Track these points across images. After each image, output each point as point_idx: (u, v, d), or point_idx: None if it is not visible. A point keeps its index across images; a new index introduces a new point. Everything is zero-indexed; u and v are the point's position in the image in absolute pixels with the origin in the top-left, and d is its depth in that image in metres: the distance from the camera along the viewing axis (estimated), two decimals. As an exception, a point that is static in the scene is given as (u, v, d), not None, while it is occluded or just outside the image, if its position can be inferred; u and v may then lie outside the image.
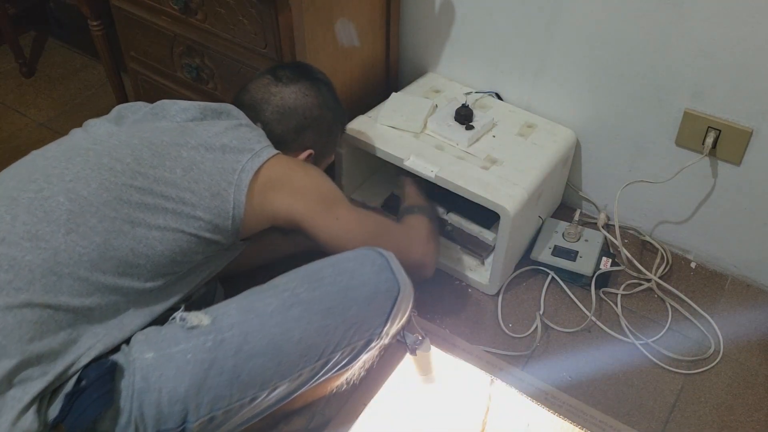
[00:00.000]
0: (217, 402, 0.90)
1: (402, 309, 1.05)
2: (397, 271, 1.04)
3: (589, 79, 1.50)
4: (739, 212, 1.47)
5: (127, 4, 1.60)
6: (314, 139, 1.26)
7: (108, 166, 0.98)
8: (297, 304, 0.96)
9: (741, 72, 1.31)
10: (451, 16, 1.62)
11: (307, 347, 0.95)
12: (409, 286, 1.05)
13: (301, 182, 1.10)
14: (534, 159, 1.47)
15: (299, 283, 0.99)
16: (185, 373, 0.88)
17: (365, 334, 1.01)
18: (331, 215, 1.11)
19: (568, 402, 1.30)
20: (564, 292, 1.51)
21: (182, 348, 0.89)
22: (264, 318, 0.94)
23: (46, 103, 2.14)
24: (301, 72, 1.26)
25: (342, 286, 0.99)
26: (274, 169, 1.08)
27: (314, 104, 1.24)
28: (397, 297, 1.02)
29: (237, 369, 0.90)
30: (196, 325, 0.92)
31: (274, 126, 1.21)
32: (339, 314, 0.98)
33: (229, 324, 0.93)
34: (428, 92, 1.65)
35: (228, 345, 0.90)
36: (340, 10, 1.46)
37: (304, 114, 1.23)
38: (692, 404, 1.31)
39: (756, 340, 1.43)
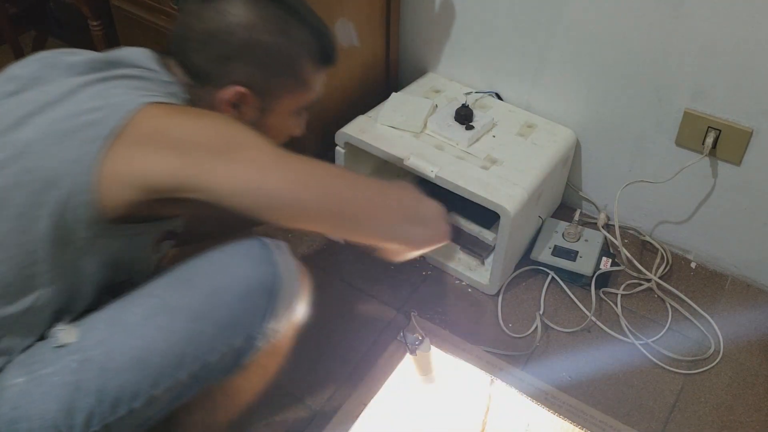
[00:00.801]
0: (91, 420, 0.85)
1: (285, 303, 0.93)
2: (281, 262, 0.92)
3: (589, 79, 1.50)
4: (739, 212, 1.47)
5: (127, 4, 1.60)
6: (247, 72, 0.95)
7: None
8: (162, 313, 0.89)
9: (741, 72, 1.31)
10: (451, 16, 1.62)
11: (175, 355, 0.88)
12: (294, 277, 0.94)
13: (184, 129, 0.85)
14: (534, 159, 1.47)
15: (168, 287, 0.91)
16: (53, 397, 0.84)
17: (242, 333, 0.92)
18: (232, 159, 0.83)
19: (568, 402, 1.30)
20: (564, 292, 1.51)
21: (50, 370, 0.85)
22: (128, 331, 0.88)
23: (46, 103, 2.14)
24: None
25: (212, 287, 0.90)
26: (140, 125, 0.83)
27: (243, 24, 0.93)
28: (277, 291, 0.92)
29: (104, 387, 0.85)
30: (64, 343, 0.86)
31: (194, 58, 0.95)
32: (207, 317, 0.89)
33: (95, 341, 0.87)
34: (428, 92, 1.65)
35: (92, 364, 0.85)
36: (339, 10, 1.46)
37: (228, 38, 0.93)
38: (692, 404, 1.31)
39: (756, 340, 1.43)
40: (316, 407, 1.29)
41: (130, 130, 0.82)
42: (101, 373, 0.86)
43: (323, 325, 1.44)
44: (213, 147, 0.83)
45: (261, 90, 0.96)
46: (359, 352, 1.38)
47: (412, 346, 1.34)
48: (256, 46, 0.94)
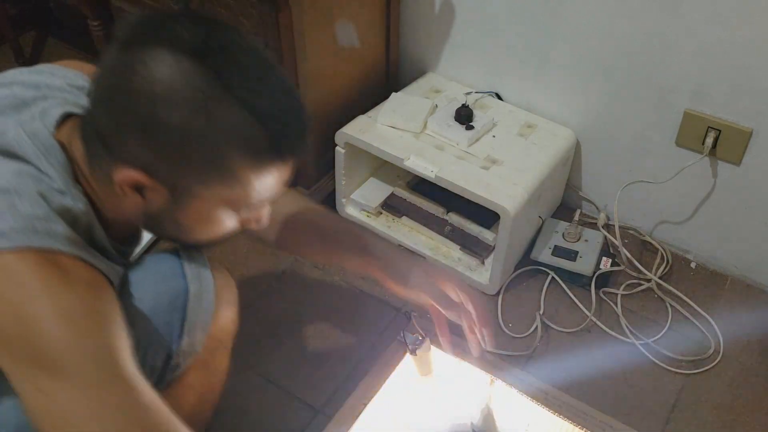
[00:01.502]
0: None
1: (200, 318, 0.88)
2: (189, 274, 0.87)
3: (590, 79, 1.50)
4: (739, 212, 1.47)
5: (128, 4, 1.60)
6: (145, 153, 0.71)
7: None
8: None
9: (741, 72, 1.31)
10: (451, 16, 1.62)
11: None
12: (209, 288, 0.88)
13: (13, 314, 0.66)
14: (534, 159, 1.47)
15: None
16: None
17: (160, 349, 0.87)
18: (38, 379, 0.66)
19: (568, 402, 1.30)
20: (564, 292, 1.51)
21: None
22: None
23: (46, 103, 2.14)
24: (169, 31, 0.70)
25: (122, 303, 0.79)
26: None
27: (152, 92, 0.68)
28: (185, 305, 0.87)
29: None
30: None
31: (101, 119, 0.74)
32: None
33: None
34: (428, 92, 1.65)
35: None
36: (340, 10, 1.46)
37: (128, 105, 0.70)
38: (692, 404, 1.31)
39: (756, 340, 1.43)
40: (316, 407, 1.29)
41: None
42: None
43: (323, 325, 1.44)
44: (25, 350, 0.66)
45: (164, 178, 0.73)
46: (359, 352, 1.38)
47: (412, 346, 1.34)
48: (158, 125, 0.69)
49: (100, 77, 0.74)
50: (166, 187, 0.74)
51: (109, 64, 0.73)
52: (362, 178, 1.70)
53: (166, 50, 0.68)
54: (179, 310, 0.87)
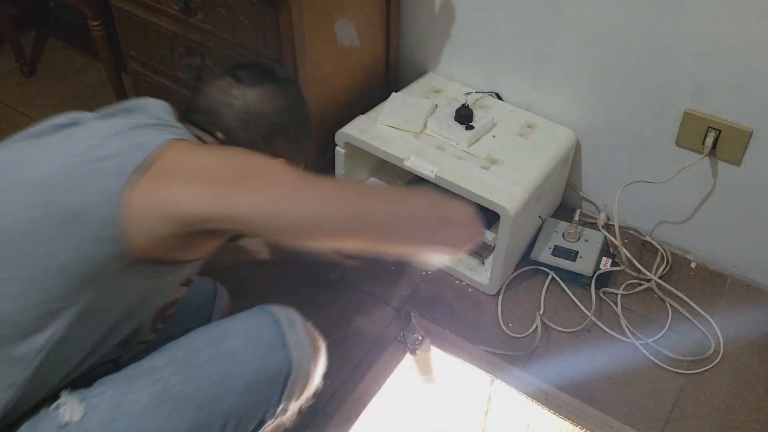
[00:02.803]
0: None
1: (299, 386, 0.93)
2: (293, 344, 0.92)
3: (589, 79, 1.50)
4: (739, 212, 1.47)
5: (128, 4, 1.60)
6: (284, 146, 1.07)
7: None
8: (168, 401, 0.86)
9: (741, 72, 1.31)
10: (451, 16, 1.62)
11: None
12: (307, 358, 0.93)
13: (206, 159, 0.86)
14: (534, 159, 1.47)
15: (174, 370, 0.88)
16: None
17: (254, 419, 0.91)
18: (258, 187, 0.83)
19: (568, 402, 1.30)
20: (564, 292, 1.51)
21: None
22: (132, 418, 0.84)
23: (46, 103, 2.14)
24: (264, 73, 1.07)
25: (220, 375, 0.88)
26: (167, 156, 0.83)
27: (282, 108, 1.05)
28: (288, 377, 0.91)
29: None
30: (67, 422, 0.82)
31: (238, 133, 1.02)
32: (216, 406, 0.87)
33: (98, 423, 0.83)
34: (428, 92, 1.65)
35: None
36: (340, 10, 1.46)
37: (273, 120, 1.04)
38: (692, 404, 1.31)
39: (756, 340, 1.43)
40: (316, 407, 1.29)
41: (156, 165, 0.82)
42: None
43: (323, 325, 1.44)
44: (239, 175, 0.84)
45: (291, 161, 1.03)
46: (359, 352, 1.38)
47: (412, 346, 1.34)
48: (292, 125, 1.07)
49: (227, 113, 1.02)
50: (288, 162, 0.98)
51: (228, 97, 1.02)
52: (362, 178, 1.70)
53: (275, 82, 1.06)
54: (281, 382, 0.91)
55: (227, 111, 1.02)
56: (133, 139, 0.84)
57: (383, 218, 0.88)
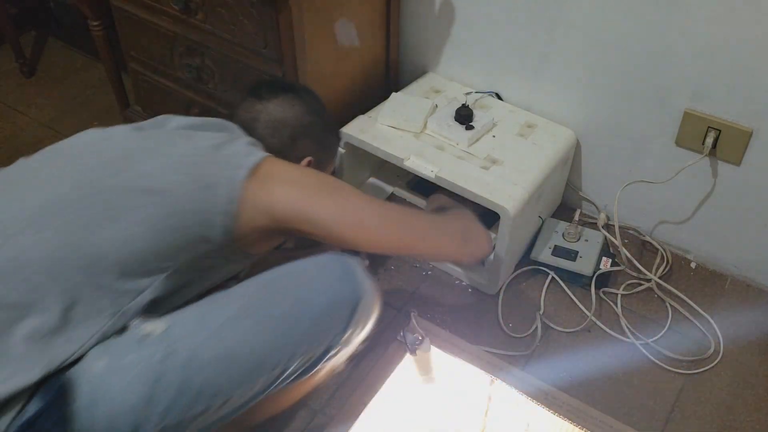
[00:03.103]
0: (168, 414, 0.87)
1: (364, 317, 1.02)
2: (359, 278, 1.01)
3: (590, 79, 1.50)
4: (739, 212, 1.47)
5: (128, 4, 1.61)
6: (310, 146, 1.23)
7: (91, 164, 0.99)
8: (251, 315, 0.94)
9: (741, 72, 1.31)
10: (451, 16, 1.62)
11: (259, 358, 0.94)
12: (371, 293, 1.03)
13: (299, 174, 1.08)
14: (534, 159, 1.47)
15: (255, 292, 0.98)
16: (134, 386, 0.86)
17: (323, 343, 0.99)
18: (337, 199, 1.05)
19: (568, 402, 1.30)
20: (564, 292, 1.51)
21: (132, 359, 0.87)
22: (216, 330, 0.92)
23: (46, 103, 2.14)
24: (280, 86, 1.26)
25: (298, 297, 0.98)
26: (271, 165, 1.04)
27: (302, 112, 1.22)
28: (357, 306, 1.00)
29: (186, 382, 0.88)
30: (149, 333, 0.90)
31: (268, 140, 1.18)
32: (293, 325, 0.96)
33: (182, 333, 0.91)
34: (428, 92, 1.66)
35: (177, 358, 0.88)
36: (340, 10, 1.46)
37: (294, 123, 1.21)
38: (692, 404, 1.32)
39: (756, 340, 1.43)
40: (316, 407, 1.29)
41: (262, 170, 1.01)
42: (185, 368, 0.89)
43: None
44: (321, 185, 1.06)
45: (319, 159, 1.24)
46: (359, 352, 1.38)
47: (412, 346, 1.34)
48: (314, 126, 1.24)
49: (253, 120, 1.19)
50: (317, 165, 1.23)
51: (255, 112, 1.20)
52: (362, 178, 1.70)
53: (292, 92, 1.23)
54: (350, 310, 1.00)
55: (256, 125, 1.19)
56: (244, 147, 1.06)
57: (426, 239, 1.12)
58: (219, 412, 0.93)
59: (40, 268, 0.88)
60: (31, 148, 1.08)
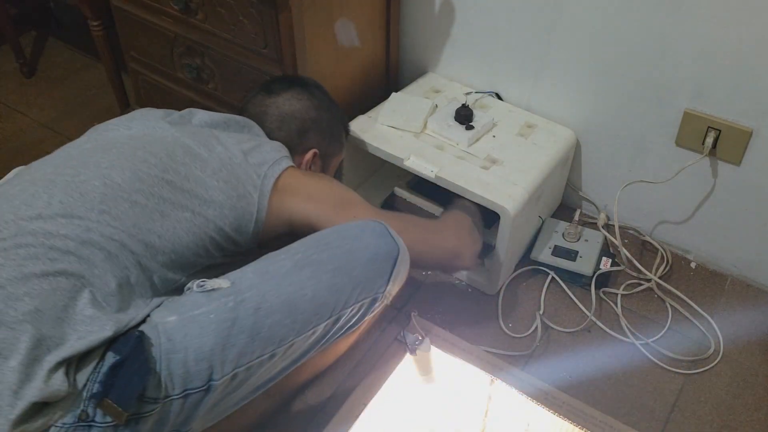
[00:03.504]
0: (241, 358, 0.94)
1: (402, 270, 1.11)
2: (395, 235, 1.11)
3: (589, 79, 1.50)
4: (739, 212, 1.47)
5: (128, 4, 1.61)
6: (317, 139, 1.31)
7: (142, 158, 1.05)
8: (308, 265, 1.02)
9: (741, 72, 1.31)
10: (451, 16, 1.62)
11: (319, 304, 1.02)
12: (406, 250, 1.12)
13: (315, 187, 1.17)
14: (534, 159, 1.47)
15: (309, 246, 1.06)
16: (209, 332, 0.92)
17: (371, 293, 1.08)
18: (347, 215, 1.15)
19: (568, 402, 1.30)
20: (564, 292, 1.51)
21: (204, 310, 0.94)
22: (279, 278, 1.00)
23: (47, 103, 2.14)
24: (291, 81, 1.32)
25: (347, 249, 1.06)
26: (290, 177, 1.15)
27: (309, 106, 1.29)
28: (397, 258, 1.09)
29: (257, 326, 0.95)
30: (216, 288, 0.96)
31: (276, 134, 1.26)
32: (346, 273, 1.04)
33: (248, 285, 0.98)
34: (428, 92, 1.66)
35: (248, 304, 0.96)
36: (340, 10, 1.46)
37: (302, 117, 1.28)
38: (692, 404, 1.32)
39: (756, 340, 1.43)
40: (316, 407, 1.29)
41: (283, 181, 1.13)
42: (255, 313, 0.96)
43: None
44: (335, 200, 1.17)
45: (324, 152, 1.32)
46: (359, 352, 1.38)
47: (412, 346, 1.34)
48: (321, 120, 1.31)
49: (263, 115, 1.28)
50: (322, 157, 1.32)
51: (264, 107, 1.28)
52: (362, 178, 1.70)
53: (300, 87, 1.31)
54: (391, 262, 1.09)
55: (265, 118, 1.27)
56: (270, 154, 1.15)
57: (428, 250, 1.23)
58: (282, 361, 1.02)
59: (101, 247, 0.95)
60: (31, 149, 1.08)
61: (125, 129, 1.15)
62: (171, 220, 1.02)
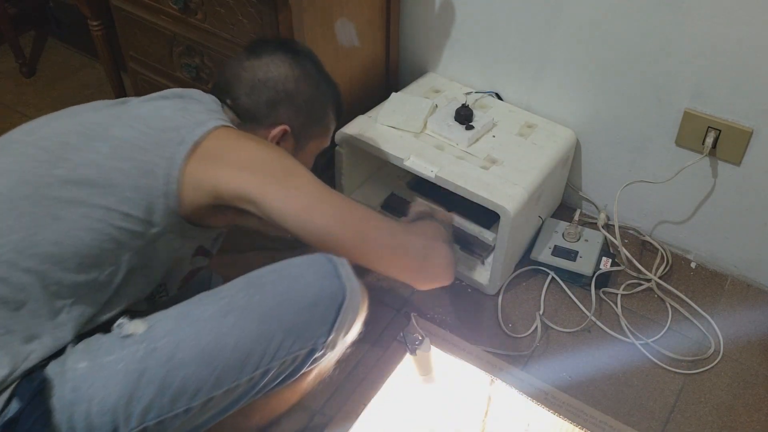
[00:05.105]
0: (148, 412, 0.86)
1: (349, 318, 0.98)
2: (345, 277, 0.97)
3: (589, 79, 1.50)
4: (739, 212, 1.47)
5: (127, 4, 1.60)
6: (290, 115, 1.13)
7: (32, 156, 0.94)
8: (233, 311, 0.91)
9: (741, 72, 1.31)
10: (451, 16, 1.62)
11: (242, 355, 0.90)
12: (358, 293, 0.98)
13: (249, 152, 0.99)
14: (534, 159, 1.47)
15: (239, 289, 0.95)
16: (115, 383, 0.85)
17: (307, 344, 0.95)
18: (288, 185, 0.97)
19: (568, 402, 1.30)
20: (564, 292, 1.51)
21: (115, 357, 0.86)
22: (198, 325, 0.90)
23: (46, 103, 2.14)
24: (280, 44, 1.16)
25: (281, 292, 0.94)
26: (217, 140, 0.98)
27: (289, 76, 1.12)
28: (342, 304, 0.95)
29: (168, 378, 0.86)
30: (131, 333, 0.88)
31: (243, 100, 1.11)
32: (276, 321, 0.92)
33: (163, 332, 0.89)
34: (428, 92, 1.65)
35: (159, 354, 0.87)
36: (340, 10, 1.46)
37: (276, 86, 1.11)
38: (692, 404, 1.31)
39: (756, 340, 1.43)
40: (316, 407, 1.29)
41: (207, 144, 0.97)
42: (167, 364, 0.87)
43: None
44: (273, 168, 0.99)
45: (298, 132, 1.15)
46: (359, 352, 1.38)
47: (412, 346, 1.34)
48: (300, 94, 1.13)
49: (236, 78, 1.11)
50: (294, 137, 1.14)
51: (241, 69, 1.12)
52: (362, 178, 1.70)
53: (287, 53, 1.14)
54: (335, 308, 0.96)
55: (237, 81, 1.12)
56: (194, 117, 1.00)
57: (377, 248, 1.03)
58: (201, 415, 0.91)
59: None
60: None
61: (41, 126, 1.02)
62: (65, 221, 0.90)
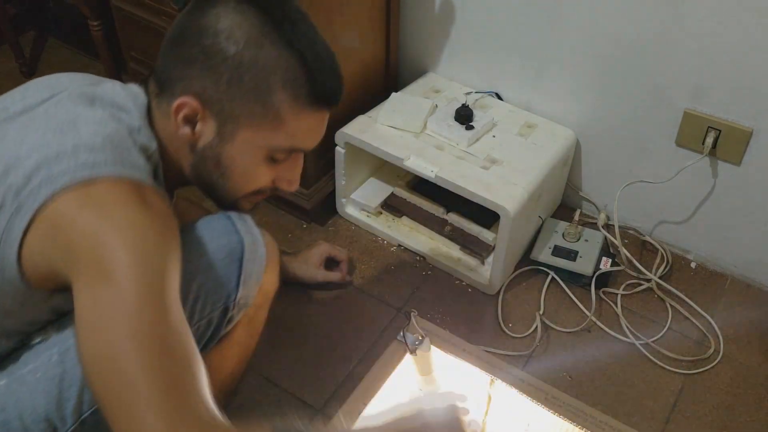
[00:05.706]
0: (81, 407, 0.84)
1: (256, 269, 0.93)
2: (244, 230, 0.91)
3: (589, 79, 1.50)
4: (739, 212, 1.47)
5: (127, 4, 1.60)
6: (202, 81, 0.83)
7: None
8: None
9: (741, 72, 1.31)
10: (451, 16, 1.62)
11: None
12: (260, 243, 0.93)
13: (84, 227, 0.73)
14: (534, 159, 1.47)
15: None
16: (39, 393, 0.83)
17: (218, 304, 0.91)
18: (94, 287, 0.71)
19: (568, 402, 1.30)
20: (564, 292, 1.51)
21: (31, 367, 0.84)
22: None
23: (46, 103, 2.14)
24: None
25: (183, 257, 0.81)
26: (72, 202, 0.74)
27: (232, 31, 0.81)
28: (242, 258, 0.91)
29: None
30: (40, 340, 0.86)
31: (159, 60, 0.88)
32: (183, 288, 0.79)
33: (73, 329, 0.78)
34: (428, 92, 1.65)
35: (73, 353, 0.82)
36: (340, 9, 1.46)
37: (203, 41, 0.82)
38: (692, 404, 1.31)
39: (756, 340, 1.43)
40: (316, 407, 1.29)
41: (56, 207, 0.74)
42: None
43: (323, 324, 1.44)
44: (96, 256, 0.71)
45: (216, 108, 0.84)
46: (359, 352, 1.38)
47: (412, 346, 1.34)
48: (218, 53, 0.81)
49: (174, 25, 0.86)
50: (216, 119, 0.85)
51: (184, 13, 0.85)
52: (362, 178, 1.70)
53: (258, 8, 0.82)
54: (236, 263, 0.91)
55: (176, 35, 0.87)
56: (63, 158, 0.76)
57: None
58: None
59: None
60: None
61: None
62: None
